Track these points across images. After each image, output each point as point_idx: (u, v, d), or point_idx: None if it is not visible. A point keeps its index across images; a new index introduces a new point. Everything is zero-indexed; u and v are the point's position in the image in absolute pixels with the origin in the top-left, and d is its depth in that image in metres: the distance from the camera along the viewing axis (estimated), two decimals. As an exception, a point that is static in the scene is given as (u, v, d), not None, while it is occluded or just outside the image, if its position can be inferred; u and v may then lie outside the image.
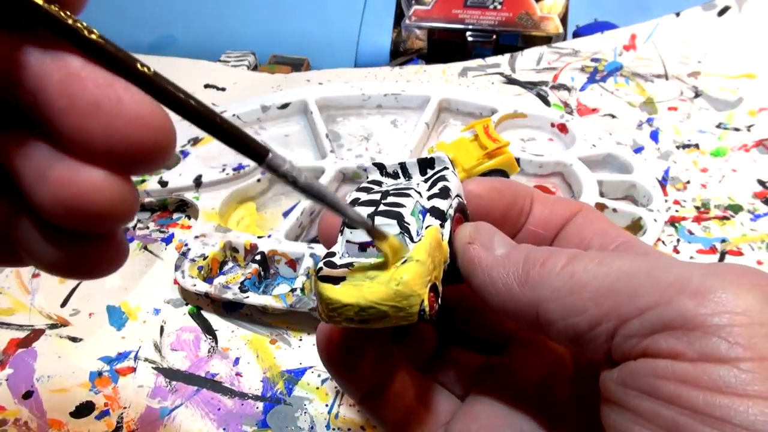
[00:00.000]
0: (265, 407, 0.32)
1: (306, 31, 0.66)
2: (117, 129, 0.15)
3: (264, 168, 0.17)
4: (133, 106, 0.15)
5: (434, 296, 0.20)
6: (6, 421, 0.32)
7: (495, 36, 0.62)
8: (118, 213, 0.16)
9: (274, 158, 0.17)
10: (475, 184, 0.24)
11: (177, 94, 0.16)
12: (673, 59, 0.57)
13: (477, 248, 0.21)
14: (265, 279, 0.38)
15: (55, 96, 0.15)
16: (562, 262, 0.19)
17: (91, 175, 0.15)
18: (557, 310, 0.19)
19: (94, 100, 0.15)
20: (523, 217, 0.24)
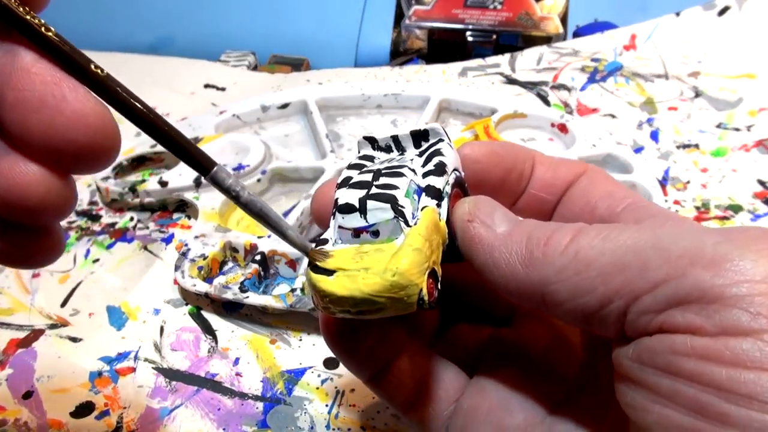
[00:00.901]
0: (265, 407, 0.32)
1: (306, 31, 0.66)
2: (57, 127, 0.15)
3: (208, 180, 0.17)
4: (77, 106, 0.15)
5: (433, 282, 0.19)
6: (6, 421, 0.32)
7: (495, 36, 0.62)
8: (52, 208, 0.16)
9: (219, 171, 0.17)
10: (471, 147, 0.23)
11: (127, 98, 0.16)
12: (673, 59, 0.57)
13: (477, 226, 0.20)
14: (265, 279, 0.38)
15: (2, 88, 0.15)
16: (566, 240, 0.18)
17: (28, 170, 0.15)
18: (564, 290, 0.18)
19: (39, 96, 0.15)
20: (524, 180, 0.23)
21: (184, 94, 0.58)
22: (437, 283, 0.19)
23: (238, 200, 0.18)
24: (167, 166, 0.48)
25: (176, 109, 0.55)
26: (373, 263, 0.19)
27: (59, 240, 0.18)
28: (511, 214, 0.21)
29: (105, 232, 0.43)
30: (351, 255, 0.19)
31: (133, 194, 0.45)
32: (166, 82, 0.59)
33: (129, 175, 0.48)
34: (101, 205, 0.46)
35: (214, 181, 0.17)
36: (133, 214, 0.45)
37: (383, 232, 0.20)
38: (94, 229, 0.44)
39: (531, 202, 0.23)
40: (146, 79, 0.59)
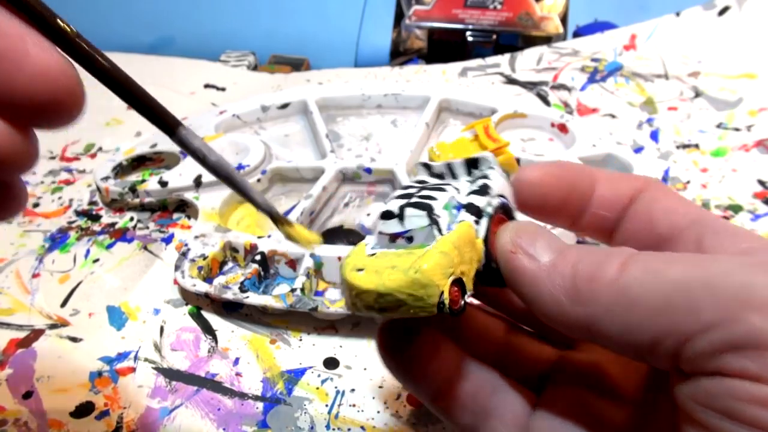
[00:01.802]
0: (265, 407, 0.32)
1: (306, 31, 0.66)
2: (18, 80, 0.15)
3: (175, 141, 0.17)
4: (39, 60, 0.15)
5: (459, 291, 0.20)
6: (6, 421, 0.32)
7: (495, 36, 0.62)
8: (11, 162, 0.16)
9: (187, 133, 0.17)
10: (530, 170, 0.22)
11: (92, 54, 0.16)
12: (673, 59, 0.57)
13: (520, 258, 0.20)
14: (265, 279, 0.38)
15: None
16: (612, 273, 0.18)
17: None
18: (613, 327, 0.17)
19: (2, 50, 0.15)
20: (585, 200, 0.22)
21: (184, 94, 0.58)
22: (464, 293, 0.20)
23: (204, 162, 0.18)
24: (167, 166, 0.48)
25: (176, 109, 0.54)
26: (400, 263, 0.19)
27: (21, 194, 0.18)
28: (556, 239, 0.20)
29: (105, 232, 0.43)
30: (383, 256, 0.20)
31: (133, 194, 0.45)
32: (166, 82, 0.59)
33: (129, 175, 0.48)
34: (101, 205, 0.46)
35: (180, 141, 0.17)
36: (133, 214, 0.45)
37: (417, 239, 0.20)
38: (94, 229, 0.44)
39: (592, 221, 0.23)
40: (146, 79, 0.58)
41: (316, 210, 0.43)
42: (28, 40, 0.15)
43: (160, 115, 0.17)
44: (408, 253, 0.20)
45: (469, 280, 0.20)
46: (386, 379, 0.34)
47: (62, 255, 0.42)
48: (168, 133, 0.17)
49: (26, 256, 0.42)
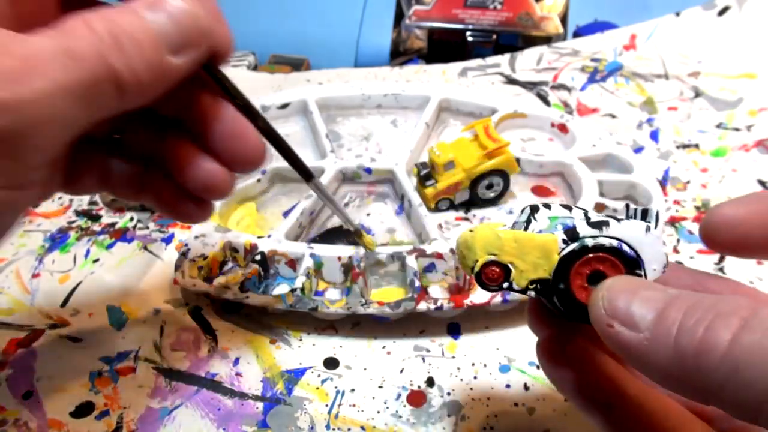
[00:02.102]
0: (265, 407, 0.32)
1: (306, 31, 0.66)
2: (240, 148, 0.27)
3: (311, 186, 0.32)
4: (253, 136, 0.27)
5: (501, 272, 0.22)
6: (6, 421, 0.32)
7: (495, 36, 0.62)
8: (224, 192, 0.27)
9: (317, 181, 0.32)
10: (732, 207, 0.21)
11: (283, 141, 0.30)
12: (673, 59, 0.57)
13: (618, 331, 0.18)
14: (265, 279, 0.38)
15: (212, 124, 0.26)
16: (723, 344, 0.15)
17: (220, 170, 0.27)
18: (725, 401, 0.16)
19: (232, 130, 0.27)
20: None
21: (184, 94, 0.58)
22: (507, 279, 0.22)
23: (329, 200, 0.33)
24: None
25: (176, 109, 0.54)
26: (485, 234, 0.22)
27: (211, 208, 0.30)
28: (656, 292, 0.18)
29: (105, 232, 0.43)
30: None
31: (133, 194, 0.45)
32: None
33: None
34: (101, 205, 0.46)
35: (316, 187, 0.31)
36: (133, 214, 0.45)
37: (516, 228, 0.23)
38: (94, 229, 0.44)
39: None
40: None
41: (316, 210, 0.43)
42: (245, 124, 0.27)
43: (301, 167, 0.31)
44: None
45: (523, 278, 0.22)
46: (386, 379, 0.34)
47: (62, 255, 0.42)
48: (306, 180, 0.31)
49: (26, 256, 0.42)
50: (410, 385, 0.33)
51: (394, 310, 0.35)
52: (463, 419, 0.32)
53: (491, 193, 0.43)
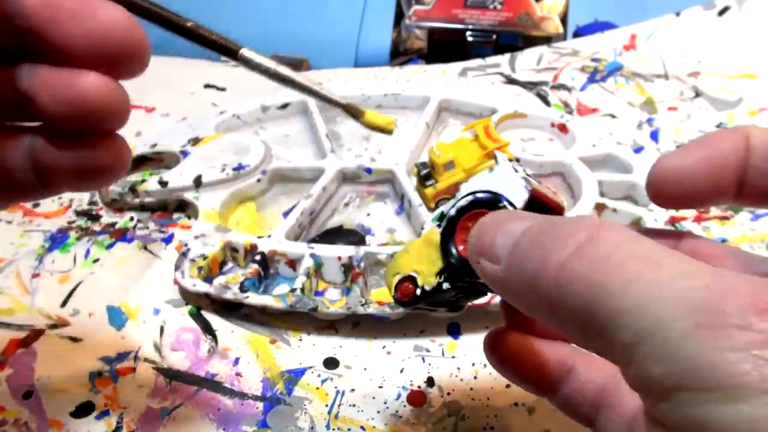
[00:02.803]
0: (265, 407, 0.32)
1: (306, 31, 0.66)
2: (94, 30, 0.18)
3: (240, 63, 0.21)
4: (106, 11, 0.18)
5: (412, 285, 0.23)
6: (6, 421, 0.32)
7: (495, 36, 0.62)
8: (111, 109, 0.19)
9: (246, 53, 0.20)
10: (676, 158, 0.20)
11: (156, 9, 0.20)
12: (673, 59, 0.57)
13: (483, 265, 0.19)
14: (265, 279, 0.38)
15: (39, 11, 0.18)
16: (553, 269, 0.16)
17: (86, 78, 0.18)
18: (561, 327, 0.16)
19: (72, 9, 0.18)
20: (738, 171, 0.20)
21: (184, 94, 0.58)
22: (417, 287, 0.23)
23: (268, 73, 0.21)
24: (167, 166, 0.48)
25: (176, 109, 0.54)
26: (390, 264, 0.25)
27: (124, 147, 0.21)
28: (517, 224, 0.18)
29: (105, 232, 0.43)
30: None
31: (133, 194, 0.45)
32: (166, 82, 0.59)
33: (129, 175, 0.48)
34: (101, 205, 0.46)
35: (243, 61, 0.21)
36: (133, 214, 0.45)
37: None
38: (94, 229, 0.44)
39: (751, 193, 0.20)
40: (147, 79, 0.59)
41: (316, 210, 0.43)
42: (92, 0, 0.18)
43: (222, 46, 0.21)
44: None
45: (429, 275, 0.23)
46: (386, 379, 0.34)
47: (62, 255, 0.42)
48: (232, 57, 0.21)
49: (26, 256, 0.42)
50: (410, 385, 0.33)
51: (394, 310, 0.35)
52: (463, 419, 0.32)
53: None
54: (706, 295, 0.13)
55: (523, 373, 0.25)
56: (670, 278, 0.14)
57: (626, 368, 0.14)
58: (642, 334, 0.14)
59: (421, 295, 0.23)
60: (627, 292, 0.14)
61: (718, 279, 0.14)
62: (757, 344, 0.12)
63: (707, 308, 0.13)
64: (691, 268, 0.14)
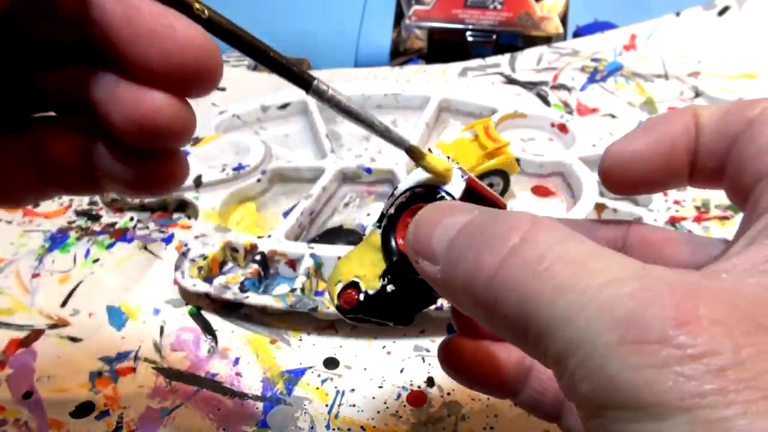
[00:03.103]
0: (265, 407, 0.32)
1: (306, 31, 0.66)
2: (171, 52, 0.17)
3: (311, 94, 0.20)
4: (184, 32, 0.17)
5: (354, 290, 0.22)
6: (6, 421, 0.32)
7: (495, 36, 0.62)
8: (178, 130, 0.18)
9: (319, 84, 0.20)
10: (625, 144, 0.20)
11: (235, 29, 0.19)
12: (673, 59, 0.57)
13: (422, 265, 0.18)
14: (265, 279, 0.38)
15: (119, 28, 0.17)
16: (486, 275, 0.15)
17: (156, 97, 0.18)
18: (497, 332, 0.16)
19: (150, 27, 0.17)
20: (689, 154, 0.19)
21: (184, 94, 0.58)
22: (359, 293, 0.22)
23: (339, 107, 0.20)
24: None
25: (176, 109, 0.54)
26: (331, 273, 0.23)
27: (184, 162, 0.20)
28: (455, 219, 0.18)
29: (105, 232, 0.43)
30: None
31: (133, 194, 0.45)
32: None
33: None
34: (101, 205, 0.46)
35: (316, 93, 0.20)
36: (133, 214, 0.45)
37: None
38: (94, 229, 0.44)
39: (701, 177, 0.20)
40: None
41: (316, 210, 0.43)
42: (170, 16, 0.17)
43: (297, 75, 0.20)
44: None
45: (372, 279, 0.21)
46: (386, 379, 0.34)
47: (62, 255, 0.42)
48: (304, 89, 0.20)
49: (26, 256, 0.42)
50: (410, 385, 0.33)
51: (394, 310, 0.35)
52: (463, 419, 0.32)
53: (491, 193, 0.43)
54: (629, 306, 0.13)
55: (481, 378, 0.24)
56: (598, 286, 0.13)
57: (559, 380, 0.14)
58: (570, 348, 0.13)
59: (365, 300, 0.21)
60: (556, 302, 0.14)
61: (643, 285, 0.13)
62: (677, 360, 0.12)
63: (629, 321, 0.13)
64: (620, 272, 0.14)
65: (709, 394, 0.12)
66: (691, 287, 0.13)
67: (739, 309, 0.13)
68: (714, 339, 0.12)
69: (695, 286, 0.13)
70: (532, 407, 0.25)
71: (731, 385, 0.12)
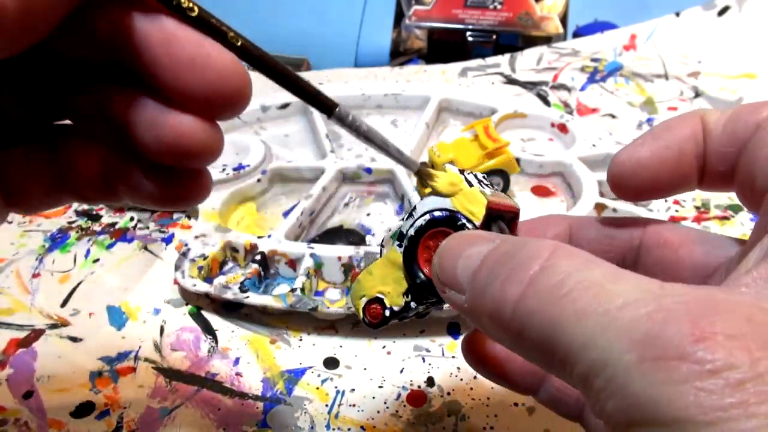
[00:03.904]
0: (265, 407, 0.32)
1: (306, 31, 0.66)
2: (209, 80, 0.18)
3: (333, 120, 0.21)
4: (220, 60, 0.18)
5: (379, 306, 0.23)
6: (6, 421, 0.32)
7: (495, 36, 0.62)
8: (210, 151, 0.19)
9: (341, 110, 0.21)
10: (632, 151, 0.20)
11: (269, 59, 0.20)
12: (673, 59, 0.57)
13: (449, 295, 0.19)
14: (265, 279, 0.38)
15: (157, 54, 0.18)
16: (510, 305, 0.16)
17: (189, 121, 0.19)
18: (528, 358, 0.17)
19: (189, 56, 0.18)
20: (698, 159, 0.20)
21: (184, 94, 0.58)
22: (384, 309, 0.23)
23: (358, 132, 0.21)
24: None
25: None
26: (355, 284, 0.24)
27: (209, 180, 0.21)
28: (477, 249, 0.18)
29: (105, 232, 0.43)
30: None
31: (133, 194, 0.45)
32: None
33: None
34: (101, 205, 0.46)
35: (338, 118, 0.21)
36: (133, 214, 0.45)
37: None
38: (94, 229, 0.44)
39: (711, 180, 0.20)
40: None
41: (316, 210, 0.43)
42: (207, 45, 0.18)
43: (322, 101, 0.21)
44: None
45: (396, 296, 0.23)
46: (386, 379, 0.34)
47: (62, 255, 0.42)
48: (327, 114, 0.21)
49: (26, 256, 0.42)
50: (410, 385, 0.33)
51: (394, 310, 0.35)
52: (463, 419, 0.32)
53: (491, 193, 0.43)
54: (648, 326, 0.13)
55: (503, 373, 0.25)
56: (617, 308, 0.14)
57: (587, 399, 0.15)
58: (594, 369, 0.14)
59: (390, 315, 0.23)
60: (579, 325, 0.14)
61: (661, 305, 0.14)
62: (696, 375, 0.12)
63: (648, 340, 0.13)
64: (638, 294, 0.14)
65: (731, 407, 0.12)
66: (707, 304, 0.13)
67: (756, 323, 0.13)
68: (731, 353, 0.12)
69: (711, 302, 0.13)
70: (554, 404, 0.25)
71: (752, 398, 0.12)
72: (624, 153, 0.20)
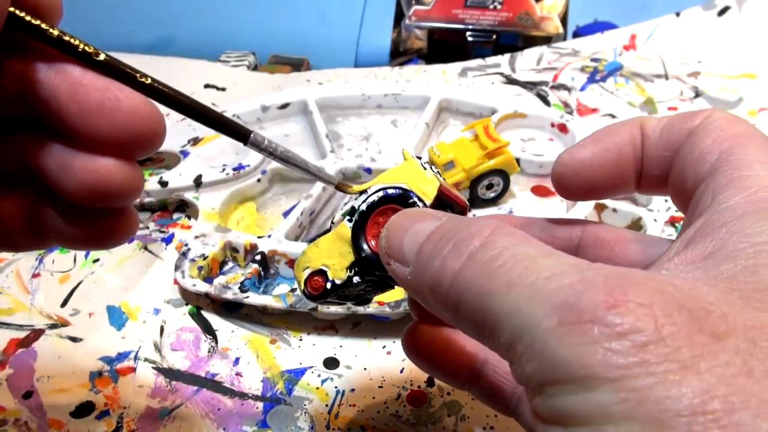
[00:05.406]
0: (265, 407, 0.32)
1: (306, 31, 0.66)
2: (119, 122, 0.18)
3: (249, 146, 0.21)
4: (129, 102, 0.18)
5: (321, 278, 0.23)
6: (6, 421, 0.32)
7: (495, 36, 0.62)
8: (129, 190, 0.19)
9: (255, 136, 0.21)
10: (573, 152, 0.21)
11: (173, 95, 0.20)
12: (673, 59, 0.57)
13: (394, 267, 0.19)
14: (265, 279, 0.38)
15: (65, 102, 0.18)
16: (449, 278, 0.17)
17: (106, 163, 0.19)
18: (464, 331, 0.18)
19: (97, 101, 0.18)
20: (636, 162, 0.21)
21: (184, 94, 0.58)
22: (326, 281, 0.23)
23: (274, 155, 0.22)
24: (167, 166, 0.48)
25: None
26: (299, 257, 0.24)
27: (134, 218, 0.21)
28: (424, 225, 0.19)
29: (105, 232, 0.43)
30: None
31: (133, 194, 0.45)
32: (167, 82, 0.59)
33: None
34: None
35: (253, 144, 0.21)
36: (133, 214, 0.45)
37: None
38: (94, 229, 0.44)
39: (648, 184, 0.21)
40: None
41: (316, 210, 0.43)
42: (114, 89, 0.18)
43: (234, 130, 0.21)
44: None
45: (339, 269, 0.23)
46: (386, 379, 0.34)
47: (62, 255, 0.42)
48: (242, 141, 0.21)
49: (26, 256, 0.42)
50: (410, 385, 0.33)
51: (394, 309, 0.35)
52: (463, 419, 0.32)
53: (491, 193, 0.43)
54: (568, 294, 0.14)
55: (440, 364, 0.25)
56: (545, 279, 0.15)
57: (510, 366, 0.16)
58: (516, 334, 0.15)
59: (332, 288, 0.23)
60: (508, 294, 0.15)
61: (583, 277, 0.15)
62: (606, 337, 0.13)
63: (567, 306, 0.14)
64: (565, 268, 0.15)
65: (633, 366, 0.13)
66: (625, 278, 0.14)
67: (666, 295, 0.14)
68: (639, 318, 0.13)
69: (628, 276, 0.14)
70: (490, 398, 0.25)
71: (652, 358, 0.13)
72: (566, 154, 0.22)
